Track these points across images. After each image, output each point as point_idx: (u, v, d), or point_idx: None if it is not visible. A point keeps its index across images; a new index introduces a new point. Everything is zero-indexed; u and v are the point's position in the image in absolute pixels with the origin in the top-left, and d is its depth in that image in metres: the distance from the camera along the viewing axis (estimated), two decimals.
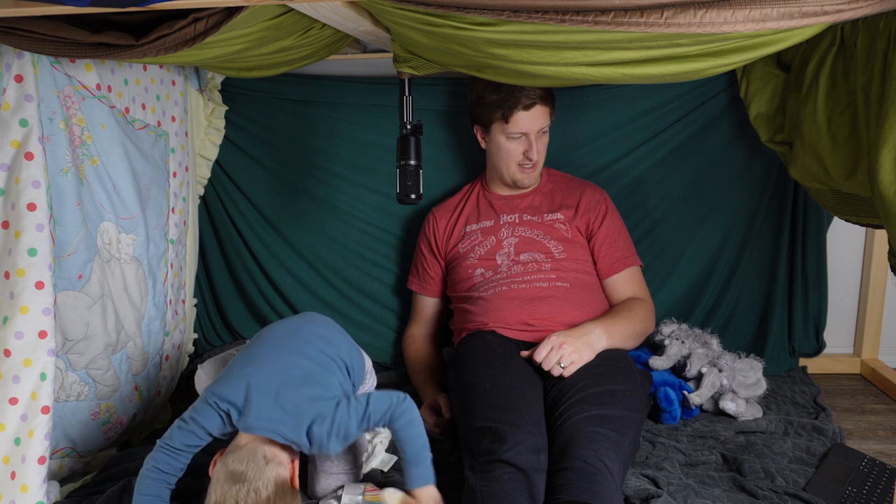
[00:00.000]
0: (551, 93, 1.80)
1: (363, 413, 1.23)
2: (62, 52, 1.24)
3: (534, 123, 1.76)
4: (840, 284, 2.16)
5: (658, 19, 1.01)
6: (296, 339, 1.34)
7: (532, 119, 1.75)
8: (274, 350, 1.30)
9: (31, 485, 1.25)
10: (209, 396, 1.22)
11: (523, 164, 1.81)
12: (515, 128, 1.76)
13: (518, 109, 1.74)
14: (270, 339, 1.34)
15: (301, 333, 1.36)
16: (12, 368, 1.26)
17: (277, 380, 1.23)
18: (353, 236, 2.16)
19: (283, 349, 1.30)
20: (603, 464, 1.25)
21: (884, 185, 1.21)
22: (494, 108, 1.76)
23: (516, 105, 1.73)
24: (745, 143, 2.02)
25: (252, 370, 1.24)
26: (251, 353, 1.31)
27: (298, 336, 1.35)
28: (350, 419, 1.22)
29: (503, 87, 1.72)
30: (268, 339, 1.35)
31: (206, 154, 2.09)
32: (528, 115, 1.75)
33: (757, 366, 1.78)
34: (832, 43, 1.48)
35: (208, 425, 1.21)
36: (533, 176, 1.85)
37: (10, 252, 1.28)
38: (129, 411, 1.67)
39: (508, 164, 1.83)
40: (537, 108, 1.75)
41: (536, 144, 1.78)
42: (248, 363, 1.27)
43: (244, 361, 1.28)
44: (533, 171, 1.84)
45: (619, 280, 1.84)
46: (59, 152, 1.40)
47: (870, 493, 1.39)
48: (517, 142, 1.79)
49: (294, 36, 1.45)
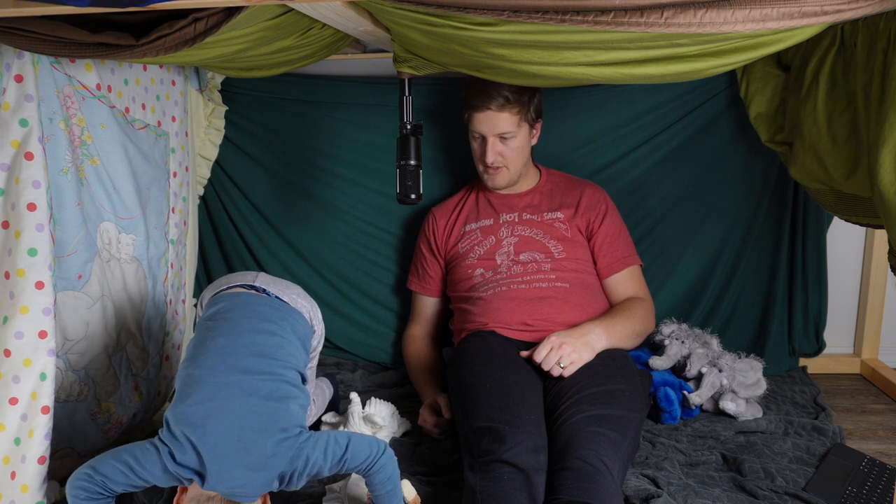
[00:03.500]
0: (526, 98, 1.75)
1: (340, 457, 1.14)
2: (62, 52, 1.24)
3: (489, 127, 1.74)
4: (840, 284, 2.16)
5: (658, 19, 1.01)
6: (242, 374, 1.16)
7: (486, 122, 1.74)
8: (222, 397, 1.12)
9: (31, 485, 1.25)
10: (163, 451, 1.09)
11: (487, 166, 1.81)
12: (474, 127, 1.77)
13: (474, 110, 1.74)
14: (212, 378, 1.15)
15: (244, 358, 1.18)
16: (12, 368, 1.26)
17: (235, 436, 1.09)
18: (353, 236, 2.16)
19: (233, 392, 1.13)
20: (603, 464, 1.25)
21: (884, 185, 1.21)
22: (464, 105, 1.79)
23: (474, 106, 1.74)
24: (745, 143, 2.02)
25: (206, 430, 1.08)
26: (195, 402, 1.12)
27: (242, 364, 1.17)
28: (325, 462, 1.13)
29: (476, 85, 1.73)
30: (209, 377, 1.15)
31: (206, 154, 2.09)
32: (482, 118, 1.74)
33: (757, 366, 1.78)
34: (832, 43, 1.48)
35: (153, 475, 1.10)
36: (497, 179, 1.83)
37: (10, 252, 1.28)
38: (129, 411, 1.67)
39: (476, 164, 1.84)
40: (490, 113, 1.72)
41: (494, 147, 1.76)
42: (196, 419, 1.10)
43: (191, 415, 1.10)
44: (497, 174, 1.82)
45: (619, 280, 1.84)
46: (59, 152, 1.40)
47: (870, 493, 1.39)
48: (477, 142, 1.80)
49: (294, 36, 1.45)
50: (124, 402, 1.66)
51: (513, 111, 1.73)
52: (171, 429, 1.11)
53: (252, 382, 1.15)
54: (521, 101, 1.74)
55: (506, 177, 1.83)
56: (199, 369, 1.17)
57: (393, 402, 1.71)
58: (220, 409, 1.11)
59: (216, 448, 1.08)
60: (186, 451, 1.09)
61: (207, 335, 1.23)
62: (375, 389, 1.95)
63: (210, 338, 1.22)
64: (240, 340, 1.22)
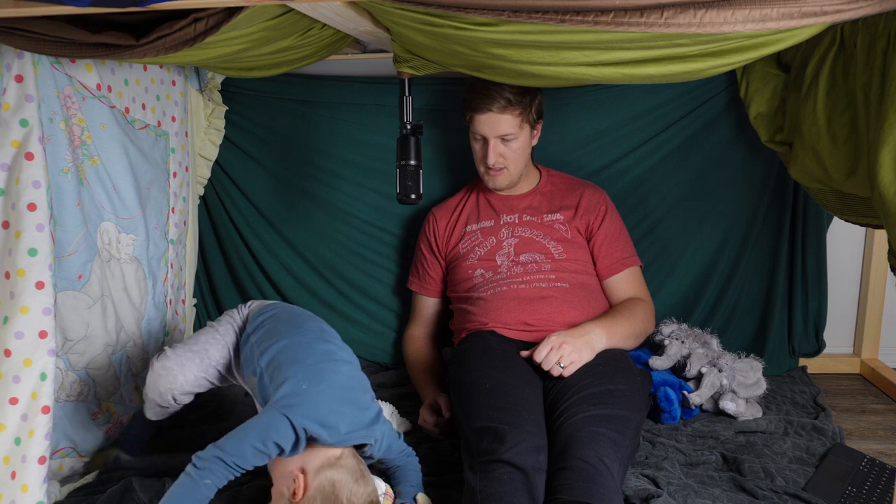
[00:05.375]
0: (527, 100, 1.75)
1: (397, 436, 1.34)
2: (62, 52, 1.24)
3: (491, 128, 1.74)
4: (840, 284, 2.16)
5: (658, 19, 1.01)
6: (325, 341, 1.34)
7: (488, 124, 1.73)
8: (323, 359, 1.28)
9: (32, 485, 1.25)
10: (300, 424, 1.15)
11: (488, 167, 1.81)
12: (475, 129, 1.76)
13: (475, 112, 1.73)
14: (310, 346, 1.31)
15: (323, 333, 1.38)
16: (12, 368, 1.26)
17: (344, 387, 1.24)
18: (353, 236, 2.16)
19: (329, 357, 1.29)
20: (603, 464, 1.25)
21: (884, 185, 1.21)
22: (463, 107, 1.78)
23: (475, 108, 1.73)
24: (745, 143, 2.02)
25: (323, 387, 1.21)
26: (303, 366, 1.25)
27: (324, 336, 1.36)
28: (392, 434, 1.31)
29: (478, 86, 1.72)
30: (307, 345, 1.31)
31: (206, 154, 2.09)
32: (484, 119, 1.73)
33: (757, 366, 1.78)
34: (832, 43, 1.48)
35: (286, 446, 1.17)
36: (499, 180, 1.83)
37: (11, 252, 1.28)
38: (129, 411, 1.67)
39: (477, 165, 1.84)
40: (492, 115, 1.72)
41: (496, 149, 1.76)
42: (311, 379, 1.22)
43: (302, 377, 1.22)
44: (499, 175, 1.81)
45: (618, 280, 1.84)
46: (60, 152, 1.40)
47: (870, 493, 1.39)
48: (479, 143, 1.80)
49: (294, 36, 1.46)
50: (124, 402, 1.66)
51: (514, 113, 1.73)
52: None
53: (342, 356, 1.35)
54: (522, 103, 1.73)
55: (507, 178, 1.83)
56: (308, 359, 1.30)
57: (393, 402, 1.71)
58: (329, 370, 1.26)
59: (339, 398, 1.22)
60: (319, 409, 1.19)
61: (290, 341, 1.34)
62: (375, 389, 1.92)
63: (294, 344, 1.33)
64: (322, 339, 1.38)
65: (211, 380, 1.41)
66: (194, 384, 1.39)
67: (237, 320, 1.46)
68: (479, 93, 1.72)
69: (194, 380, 1.38)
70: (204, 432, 1.71)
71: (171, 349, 1.40)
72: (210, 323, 1.48)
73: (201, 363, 1.38)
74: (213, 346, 1.41)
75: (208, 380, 1.41)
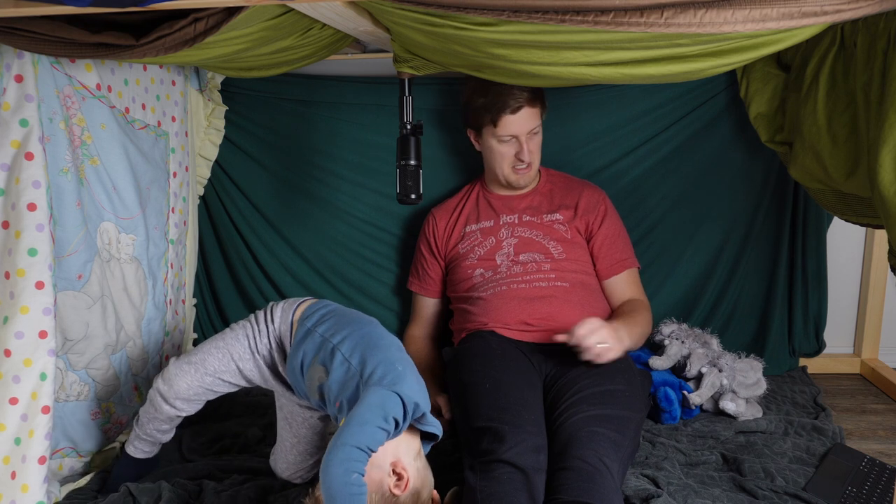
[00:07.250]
0: (541, 92, 1.78)
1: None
2: (62, 52, 1.24)
3: (522, 126, 1.75)
4: (840, 284, 2.16)
5: (658, 19, 1.01)
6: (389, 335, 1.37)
7: (520, 122, 1.75)
8: (399, 349, 1.32)
9: (32, 485, 1.25)
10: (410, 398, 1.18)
11: (517, 166, 1.81)
12: (504, 131, 1.76)
13: (506, 113, 1.73)
14: (384, 337, 1.35)
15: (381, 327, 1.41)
16: (12, 368, 1.26)
17: (418, 376, 1.27)
18: (353, 236, 2.16)
19: (400, 348, 1.33)
20: (603, 464, 1.25)
21: (884, 185, 1.21)
22: (483, 112, 1.76)
23: (504, 109, 1.73)
24: (745, 143, 2.02)
25: (409, 371, 1.25)
26: (388, 352, 1.28)
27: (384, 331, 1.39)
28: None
29: (491, 90, 1.72)
30: (383, 335, 1.35)
31: (206, 154, 2.09)
32: (516, 119, 1.74)
33: (757, 366, 1.78)
34: (832, 43, 1.48)
35: (401, 421, 1.19)
36: (528, 176, 1.85)
37: (11, 252, 1.28)
38: (128, 411, 1.67)
39: (502, 167, 1.83)
40: (525, 110, 1.74)
41: (528, 145, 1.77)
42: (401, 362, 1.26)
43: (397, 360, 1.27)
44: (527, 171, 1.83)
45: (618, 282, 1.84)
46: (59, 152, 1.40)
47: (870, 493, 1.39)
48: (508, 144, 1.79)
49: (294, 36, 1.46)
50: (124, 402, 1.66)
51: (537, 105, 1.77)
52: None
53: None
54: (540, 97, 1.78)
55: (533, 172, 1.85)
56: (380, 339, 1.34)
57: None
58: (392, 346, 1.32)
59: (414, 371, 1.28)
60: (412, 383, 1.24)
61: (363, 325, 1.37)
62: None
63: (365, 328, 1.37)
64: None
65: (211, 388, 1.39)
66: (188, 392, 1.37)
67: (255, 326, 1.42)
68: (499, 96, 1.72)
69: (186, 388, 1.37)
70: (204, 431, 1.72)
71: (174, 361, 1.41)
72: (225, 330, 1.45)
73: (196, 373, 1.37)
74: (213, 355, 1.39)
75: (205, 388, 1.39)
